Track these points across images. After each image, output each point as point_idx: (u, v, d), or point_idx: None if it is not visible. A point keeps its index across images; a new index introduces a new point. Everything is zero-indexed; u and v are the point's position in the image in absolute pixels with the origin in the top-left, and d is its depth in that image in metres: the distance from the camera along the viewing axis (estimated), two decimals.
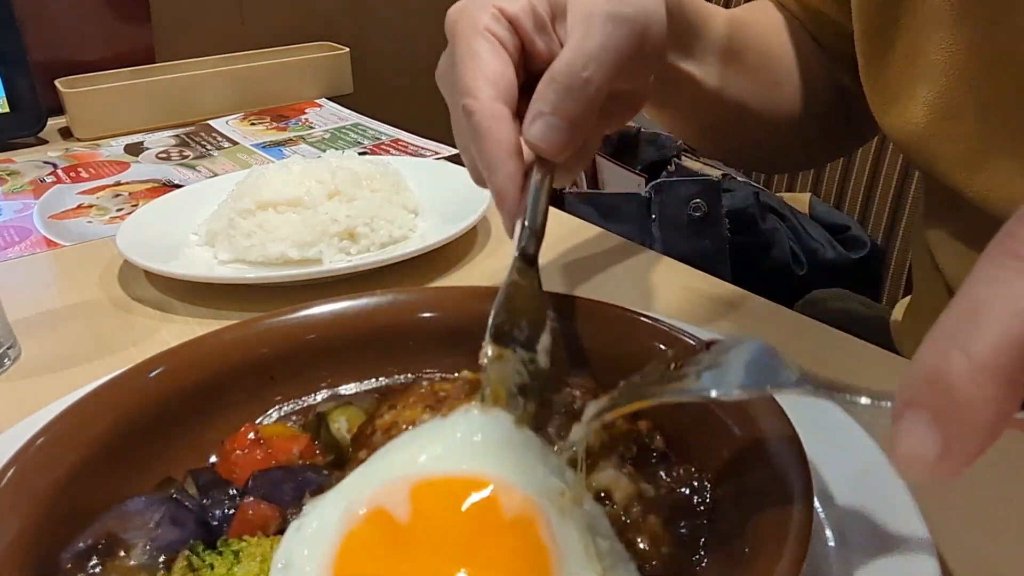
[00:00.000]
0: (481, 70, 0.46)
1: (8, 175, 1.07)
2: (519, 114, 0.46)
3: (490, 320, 0.41)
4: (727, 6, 1.31)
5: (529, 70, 0.48)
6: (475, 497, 0.35)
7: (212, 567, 0.35)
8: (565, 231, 0.81)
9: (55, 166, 1.10)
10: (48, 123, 1.22)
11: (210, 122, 1.27)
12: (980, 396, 0.22)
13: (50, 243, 0.85)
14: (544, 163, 0.46)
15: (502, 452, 0.37)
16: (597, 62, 0.45)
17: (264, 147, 1.15)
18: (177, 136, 1.21)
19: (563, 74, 0.45)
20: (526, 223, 0.44)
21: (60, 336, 0.66)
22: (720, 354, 0.34)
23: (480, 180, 0.49)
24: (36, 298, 0.75)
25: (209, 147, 1.16)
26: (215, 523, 0.39)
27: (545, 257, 0.46)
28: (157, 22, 1.46)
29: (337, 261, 0.72)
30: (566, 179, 0.55)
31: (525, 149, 0.46)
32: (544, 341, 0.41)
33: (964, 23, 0.52)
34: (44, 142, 1.22)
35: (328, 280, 0.70)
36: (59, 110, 1.24)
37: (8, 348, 0.62)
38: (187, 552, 0.36)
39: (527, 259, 0.44)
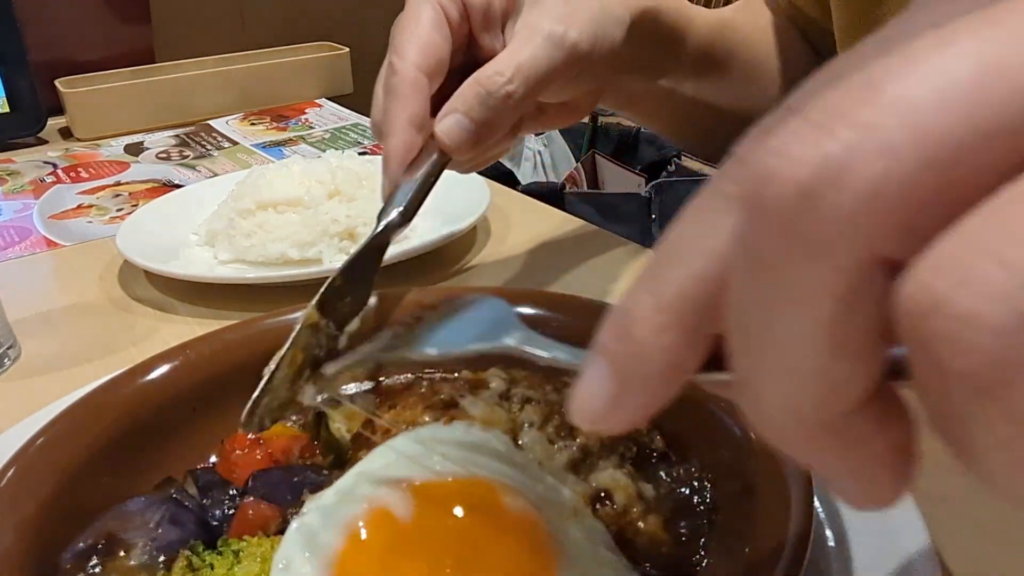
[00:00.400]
0: (418, 35, 0.47)
1: (8, 175, 1.07)
2: (446, 92, 0.47)
3: (326, 284, 0.41)
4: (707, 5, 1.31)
5: (474, 57, 0.49)
6: (478, 499, 0.35)
7: (212, 567, 0.35)
8: (565, 231, 0.81)
9: (55, 166, 1.10)
10: (48, 123, 1.21)
11: (210, 122, 1.27)
12: (654, 343, 0.19)
13: (50, 243, 0.85)
14: (443, 153, 0.46)
15: (503, 463, 0.37)
16: (523, 78, 0.46)
17: (264, 147, 1.15)
18: (177, 136, 1.21)
19: (487, 81, 0.46)
20: (398, 205, 0.44)
21: (60, 336, 0.66)
22: (450, 311, 0.33)
23: (377, 132, 0.50)
24: (36, 298, 0.75)
25: (209, 147, 1.16)
26: (215, 523, 0.39)
27: (545, 257, 0.46)
28: (157, 22, 1.46)
29: (337, 261, 0.72)
30: (465, 170, 0.56)
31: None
32: (353, 325, 0.41)
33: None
34: (44, 142, 1.22)
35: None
36: (59, 110, 1.24)
37: (8, 348, 0.62)
38: (187, 552, 0.36)
39: (380, 240, 0.44)
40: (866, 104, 0.15)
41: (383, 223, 0.44)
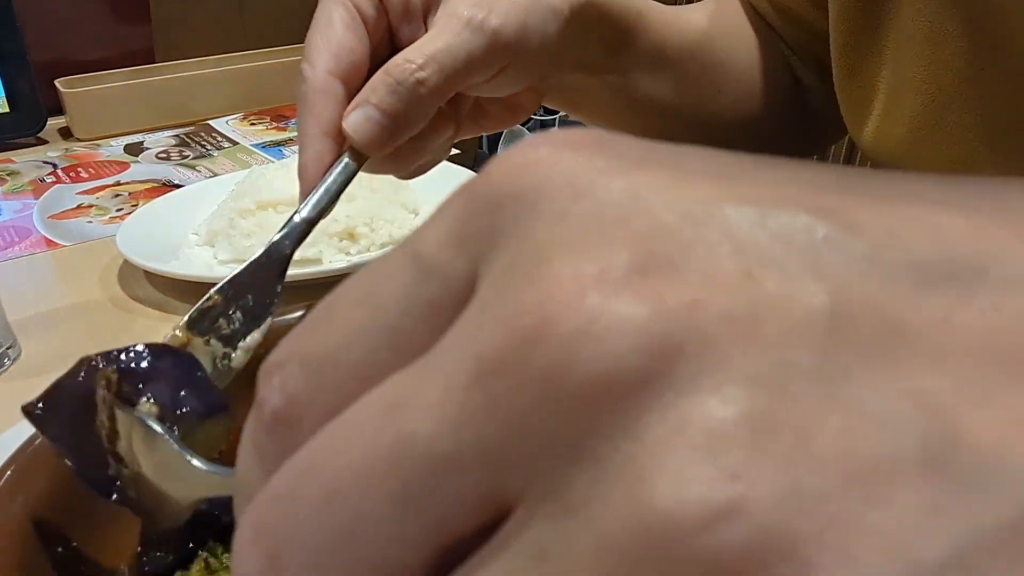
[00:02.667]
0: (328, 39, 0.44)
1: (8, 175, 1.07)
2: None
3: (201, 299, 0.39)
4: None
5: (397, 52, 0.46)
6: None
7: (229, 568, 0.35)
8: None
9: (55, 166, 1.10)
10: (48, 123, 1.21)
11: (210, 122, 1.27)
12: None
13: (50, 243, 0.85)
14: (356, 153, 0.44)
15: None
16: (437, 65, 0.43)
17: (264, 147, 1.15)
18: (177, 136, 1.21)
19: (396, 70, 0.43)
20: (301, 212, 0.42)
21: (60, 336, 0.66)
22: None
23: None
24: (36, 298, 0.74)
25: (209, 147, 1.16)
26: (224, 516, 0.39)
27: None
28: (157, 22, 1.46)
29: (337, 261, 0.72)
30: (404, 174, 0.52)
31: None
32: (252, 339, 0.39)
33: (943, 40, 0.50)
34: (44, 142, 1.22)
35: (328, 280, 0.70)
36: (59, 110, 1.24)
37: (8, 348, 0.62)
38: (204, 554, 0.36)
39: (278, 249, 0.41)
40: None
41: (282, 232, 0.41)
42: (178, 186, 0.99)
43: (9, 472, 0.37)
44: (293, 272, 0.69)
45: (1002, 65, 0.48)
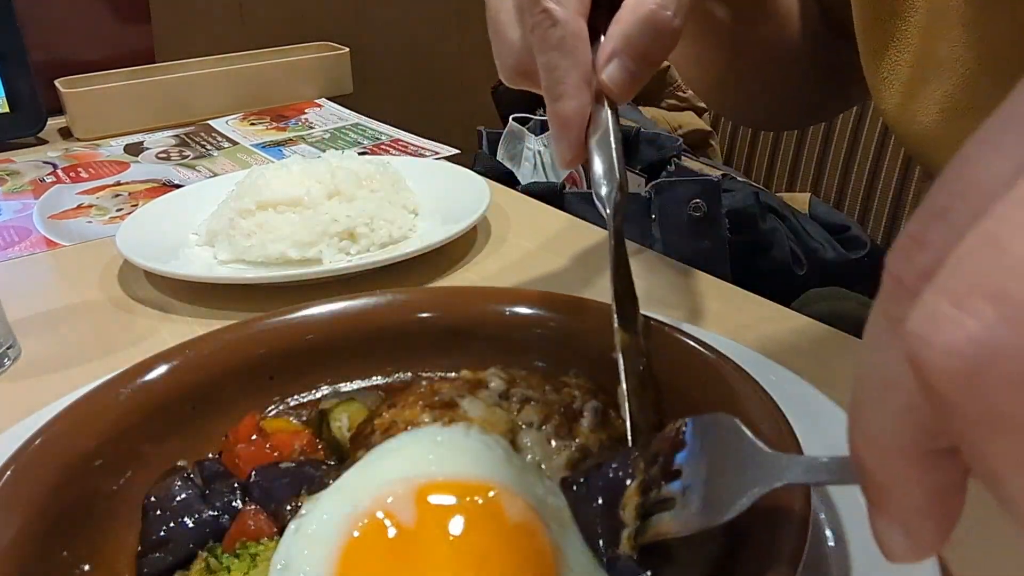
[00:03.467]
0: None
1: (8, 175, 1.07)
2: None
3: (614, 302, 0.40)
4: None
5: None
6: (478, 502, 0.35)
7: (229, 570, 0.35)
8: (565, 231, 0.81)
9: (55, 166, 1.10)
10: (48, 123, 1.21)
11: (210, 122, 1.27)
12: (900, 481, 0.21)
13: (50, 243, 0.85)
14: (610, 101, 0.42)
15: (503, 468, 0.37)
16: (681, 7, 0.41)
17: (264, 147, 1.15)
18: (177, 136, 1.21)
19: (655, 18, 0.41)
20: (611, 183, 0.40)
21: (60, 336, 0.66)
22: (693, 465, 0.32)
23: (515, 76, 0.45)
24: (36, 298, 0.74)
25: (209, 147, 1.16)
26: (221, 517, 0.39)
27: (544, 257, 0.45)
28: (157, 22, 1.46)
29: (337, 261, 0.72)
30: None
31: None
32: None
33: (978, 21, 0.50)
34: (44, 142, 1.22)
35: (328, 280, 0.70)
36: (59, 110, 1.24)
37: (8, 348, 0.62)
38: (205, 554, 0.36)
39: (618, 226, 0.40)
40: (995, 270, 0.16)
41: (611, 208, 0.40)
42: (178, 186, 0.99)
43: (9, 472, 0.37)
44: (293, 272, 0.69)
45: None
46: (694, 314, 0.63)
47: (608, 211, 0.41)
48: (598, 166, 0.41)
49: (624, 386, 0.39)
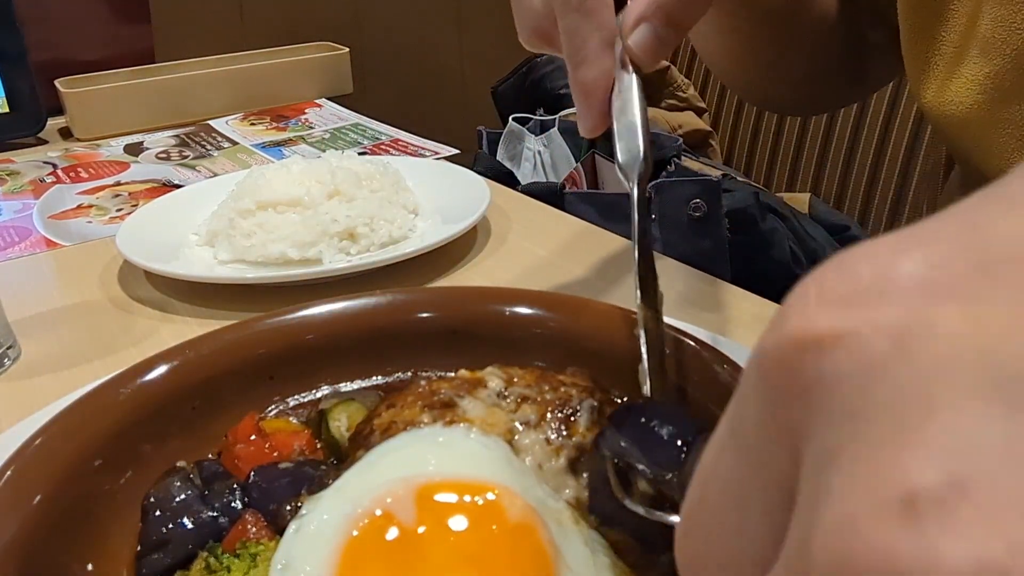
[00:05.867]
0: None
1: (8, 175, 1.07)
2: None
3: (637, 276, 0.39)
4: None
5: None
6: (477, 503, 0.35)
7: (229, 570, 0.35)
8: (564, 231, 0.81)
9: (55, 166, 1.10)
10: (48, 123, 1.21)
11: (210, 122, 1.27)
12: None
13: (50, 243, 0.85)
14: (636, 67, 0.40)
15: (502, 469, 0.37)
16: None
17: (264, 147, 1.15)
18: (177, 136, 1.21)
19: None
20: (637, 154, 0.38)
21: (60, 336, 0.66)
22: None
23: (535, 40, 0.43)
24: (36, 298, 0.74)
25: (209, 147, 1.16)
26: (220, 517, 0.39)
27: (545, 257, 0.45)
28: (157, 22, 1.46)
29: (337, 261, 0.72)
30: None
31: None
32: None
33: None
34: (44, 142, 1.22)
35: (328, 280, 0.70)
36: (59, 110, 1.24)
37: (8, 348, 0.62)
38: (205, 553, 0.36)
39: (641, 195, 0.39)
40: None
41: (635, 180, 0.39)
42: (178, 186, 0.99)
43: (9, 472, 0.37)
44: (293, 272, 0.69)
45: None
46: (694, 314, 0.63)
47: (631, 183, 0.39)
48: (621, 135, 0.40)
49: (646, 364, 0.38)
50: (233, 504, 0.39)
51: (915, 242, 0.14)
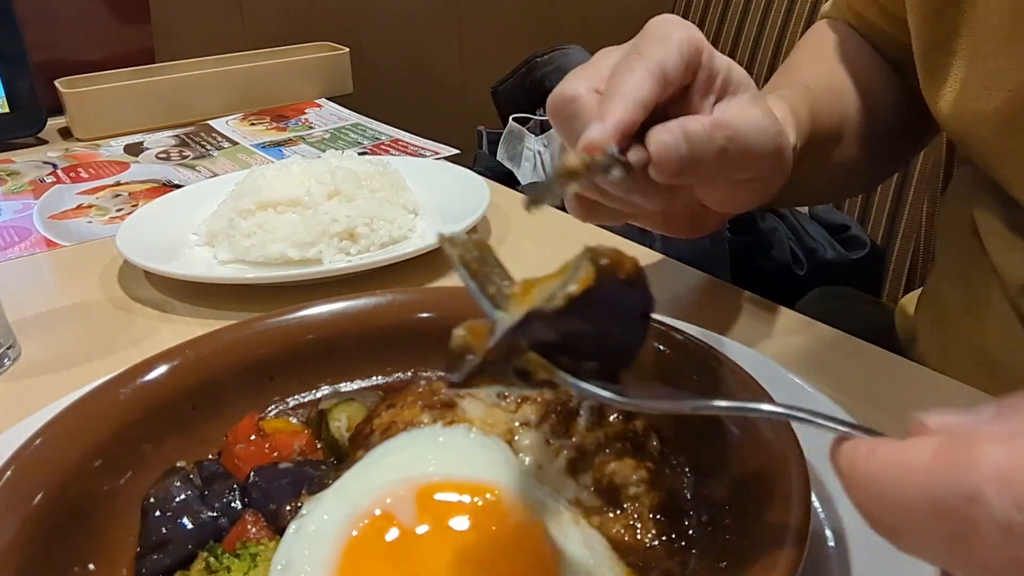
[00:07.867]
0: (667, 49, 0.45)
1: (8, 175, 1.07)
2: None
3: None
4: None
5: (670, 110, 0.47)
6: (478, 503, 0.35)
7: (229, 570, 0.35)
8: (565, 231, 0.81)
9: (55, 166, 1.10)
10: (48, 123, 1.22)
11: (210, 122, 1.27)
12: None
13: (50, 243, 0.85)
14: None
15: (502, 469, 0.37)
16: (740, 144, 0.45)
17: (264, 147, 1.15)
18: (177, 136, 1.21)
19: (713, 125, 0.44)
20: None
21: (60, 336, 0.66)
22: None
23: (568, 108, 0.47)
24: (36, 298, 0.75)
25: (209, 147, 1.16)
26: (220, 518, 0.39)
27: (544, 257, 0.45)
28: (157, 22, 1.46)
29: (337, 261, 0.72)
30: (673, 231, 0.56)
31: None
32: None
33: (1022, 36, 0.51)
34: (44, 142, 1.22)
35: (328, 280, 0.70)
36: (59, 110, 1.24)
37: (8, 348, 0.62)
38: (205, 553, 0.36)
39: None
40: None
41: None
42: (178, 186, 0.99)
43: (9, 472, 0.37)
44: (293, 272, 0.69)
45: None
46: (694, 314, 0.63)
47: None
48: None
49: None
50: (233, 504, 0.39)
51: None
